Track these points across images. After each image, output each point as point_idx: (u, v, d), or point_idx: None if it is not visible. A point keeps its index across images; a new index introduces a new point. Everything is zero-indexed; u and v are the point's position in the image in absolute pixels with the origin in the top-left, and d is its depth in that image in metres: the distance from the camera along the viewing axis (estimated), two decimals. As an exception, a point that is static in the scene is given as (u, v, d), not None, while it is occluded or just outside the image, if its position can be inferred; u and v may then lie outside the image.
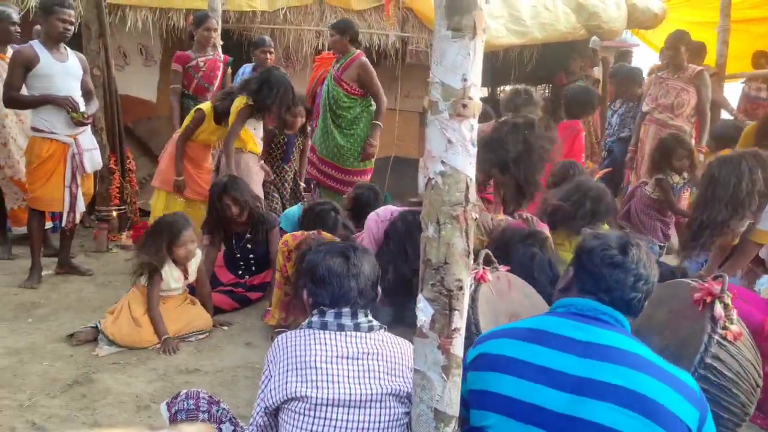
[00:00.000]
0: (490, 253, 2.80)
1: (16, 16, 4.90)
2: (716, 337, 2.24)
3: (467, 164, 1.59)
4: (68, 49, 4.37)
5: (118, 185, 5.46)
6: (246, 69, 6.33)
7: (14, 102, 4.29)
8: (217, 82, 5.57)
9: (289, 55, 7.03)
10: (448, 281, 1.61)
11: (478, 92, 1.58)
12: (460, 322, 1.62)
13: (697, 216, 3.60)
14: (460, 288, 1.61)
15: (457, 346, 1.62)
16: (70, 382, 2.96)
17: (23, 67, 4.14)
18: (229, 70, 5.96)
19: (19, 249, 4.99)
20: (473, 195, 1.62)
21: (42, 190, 4.29)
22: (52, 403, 2.76)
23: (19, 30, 4.89)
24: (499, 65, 7.44)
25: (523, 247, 3.30)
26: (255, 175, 4.78)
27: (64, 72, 4.26)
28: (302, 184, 5.47)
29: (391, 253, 3.61)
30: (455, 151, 1.57)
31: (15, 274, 4.53)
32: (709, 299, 2.32)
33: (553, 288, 3.05)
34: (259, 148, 4.86)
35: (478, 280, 2.58)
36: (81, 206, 4.48)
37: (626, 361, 1.64)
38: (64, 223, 4.43)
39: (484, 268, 2.67)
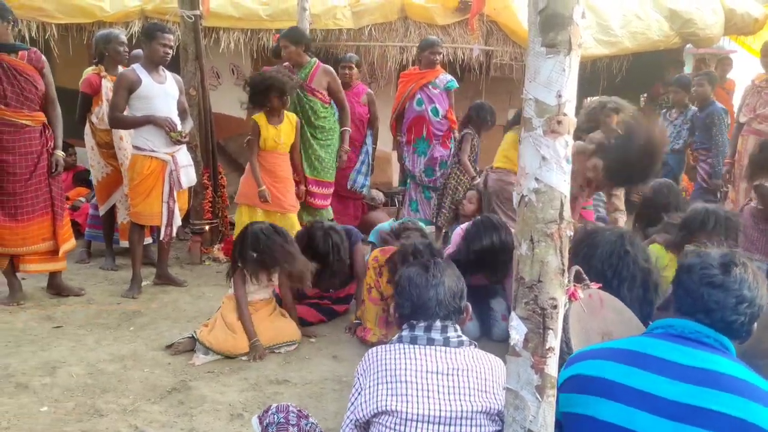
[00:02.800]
0: (581, 270, 2.73)
1: (124, 38, 5.22)
2: (831, 363, 2.09)
3: (561, 181, 1.56)
4: (166, 71, 4.62)
5: (211, 200, 5.68)
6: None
7: (119, 122, 4.58)
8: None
9: (374, 71, 7.15)
10: (542, 300, 1.58)
11: (573, 108, 1.56)
12: (554, 341, 1.59)
13: None
14: (555, 307, 1.58)
15: (552, 366, 1.59)
16: (169, 389, 3.10)
17: (127, 89, 4.41)
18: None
19: (121, 260, 5.29)
20: (568, 212, 1.59)
21: (142, 205, 4.54)
22: (152, 408, 2.90)
23: (128, 50, 5.20)
24: (587, 76, 7.29)
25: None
26: None
27: (163, 93, 4.51)
28: None
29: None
30: (549, 168, 1.55)
31: (118, 284, 4.80)
32: (823, 322, 2.17)
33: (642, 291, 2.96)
34: None
35: (569, 298, 2.51)
36: (177, 220, 4.71)
37: (735, 388, 1.55)
38: (162, 237, 4.66)
39: (574, 285, 2.60)
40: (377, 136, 6.28)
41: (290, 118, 4.95)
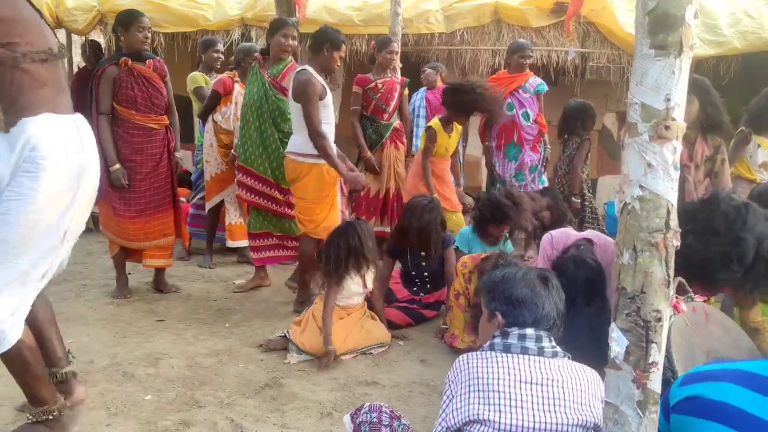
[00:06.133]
0: (684, 281, 2.61)
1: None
2: None
3: (669, 189, 1.50)
4: None
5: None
6: (419, 94, 6.50)
7: (326, 146, 4.05)
8: (393, 103, 5.75)
9: (465, 75, 7.10)
10: (645, 311, 1.53)
11: (682, 113, 1.49)
12: (657, 355, 1.53)
13: None
14: (659, 319, 1.52)
15: (655, 381, 1.53)
16: (262, 384, 3.20)
17: (319, 98, 4.08)
18: (406, 92, 6.14)
19: (218, 258, 5.52)
20: (675, 221, 1.52)
21: (330, 218, 4.24)
22: (247, 402, 3.00)
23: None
24: (691, 78, 6.94)
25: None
26: None
27: (331, 100, 4.28)
28: None
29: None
30: (655, 175, 1.50)
31: (215, 282, 5.00)
32: None
33: None
34: None
35: (672, 310, 2.41)
36: None
37: None
38: None
39: (677, 298, 2.49)
40: (466, 138, 6.26)
41: (457, 127, 5.19)
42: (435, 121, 5.13)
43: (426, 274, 4.37)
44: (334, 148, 4.15)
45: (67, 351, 2.85)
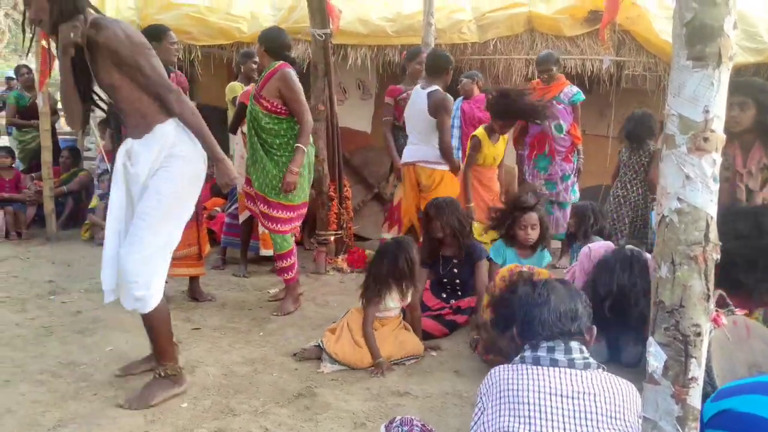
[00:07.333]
0: (725, 294, 2.56)
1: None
2: None
3: (708, 201, 1.48)
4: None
5: (336, 211, 5.86)
6: (454, 104, 6.49)
7: (453, 155, 4.93)
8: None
9: (499, 84, 7.08)
10: (684, 326, 1.50)
11: (721, 125, 1.47)
12: (697, 371, 1.50)
13: None
14: (698, 334, 1.50)
15: (694, 397, 1.50)
16: (296, 394, 3.22)
17: None
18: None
19: (252, 267, 5.58)
20: (714, 234, 1.50)
21: None
22: (281, 411, 3.02)
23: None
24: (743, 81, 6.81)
25: None
26: None
27: None
28: None
29: (596, 288, 3.47)
30: (694, 187, 1.48)
31: (249, 291, 5.06)
32: None
33: None
34: None
35: (712, 324, 2.36)
36: None
37: None
38: None
39: (717, 311, 2.44)
40: None
41: (504, 136, 5.26)
42: (480, 130, 5.17)
43: (457, 281, 4.37)
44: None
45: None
